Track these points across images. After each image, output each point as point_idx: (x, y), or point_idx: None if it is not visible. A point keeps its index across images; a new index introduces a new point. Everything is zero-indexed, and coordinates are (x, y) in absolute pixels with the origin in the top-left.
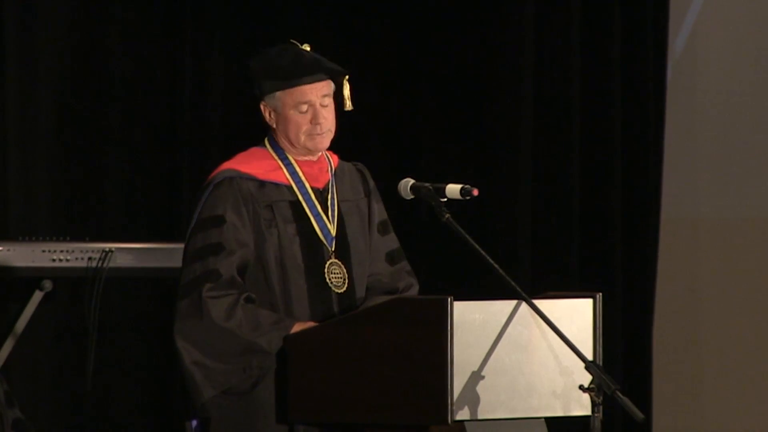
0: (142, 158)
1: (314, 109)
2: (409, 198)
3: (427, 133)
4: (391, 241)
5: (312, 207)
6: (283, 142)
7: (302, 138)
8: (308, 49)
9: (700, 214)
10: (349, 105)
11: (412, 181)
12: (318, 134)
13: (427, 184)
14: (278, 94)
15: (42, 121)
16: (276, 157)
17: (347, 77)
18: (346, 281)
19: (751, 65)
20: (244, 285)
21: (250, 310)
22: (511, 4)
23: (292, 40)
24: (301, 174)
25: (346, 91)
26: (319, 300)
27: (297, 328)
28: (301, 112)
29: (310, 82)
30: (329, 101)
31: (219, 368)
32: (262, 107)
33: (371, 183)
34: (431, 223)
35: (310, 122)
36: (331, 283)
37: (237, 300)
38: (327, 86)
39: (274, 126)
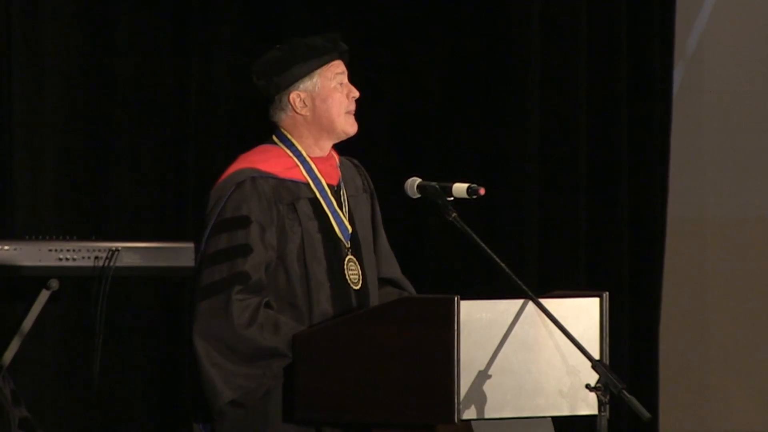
0: (148, 157)
1: (347, 83)
2: (415, 197)
3: (434, 133)
4: (386, 239)
5: (329, 204)
6: (302, 135)
7: (342, 117)
8: None
9: (706, 213)
10: None
11: (418, 180)
12: (352, 111)
13: (433, 183)
14: (318, 71)
15: (48, 120)
16: (291, 154)
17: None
18: (361, 277)
19: (758, 65)
20: (266, 287)
21: (271, 316)
22: (518, 5)
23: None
24: (316, 171)
25: None
26: (340, 297)
27: None
28: (340, 84)
29: (341, 58)
30: None
31: (239, 371)
32: (292, 99)
33: (369, 180)
34: (437, 222)
35: (347, 97)
36: (350, 279)
37: (260, 304)
38: None
39: (309, 114)
